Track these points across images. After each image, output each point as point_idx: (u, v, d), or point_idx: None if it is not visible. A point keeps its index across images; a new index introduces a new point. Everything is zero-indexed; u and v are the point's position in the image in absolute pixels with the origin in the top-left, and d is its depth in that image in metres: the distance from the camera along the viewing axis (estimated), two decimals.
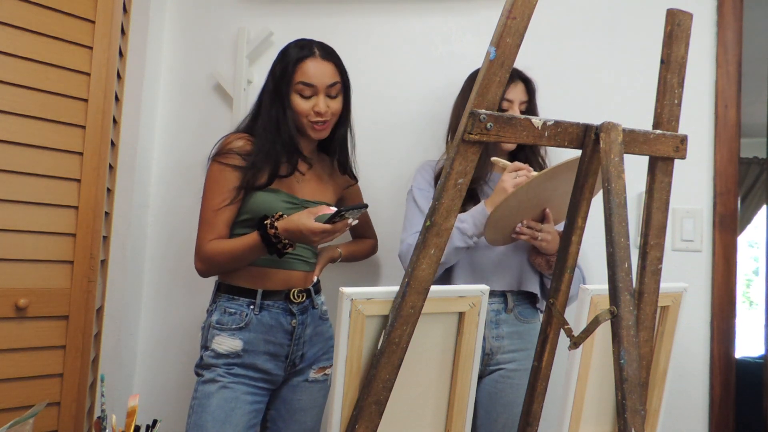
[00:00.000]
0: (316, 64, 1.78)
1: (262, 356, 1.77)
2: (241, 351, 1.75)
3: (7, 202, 1.69)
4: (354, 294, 1.00)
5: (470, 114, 0.88)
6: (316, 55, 1.79)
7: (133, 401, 1.31)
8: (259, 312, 1.78)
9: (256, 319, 1.77)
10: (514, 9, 0.87)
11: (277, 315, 1.79)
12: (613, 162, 0.95)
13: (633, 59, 2.18)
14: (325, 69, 1.79)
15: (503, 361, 1.86)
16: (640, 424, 0.92)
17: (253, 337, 1.76)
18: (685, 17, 1.07)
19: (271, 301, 1.79)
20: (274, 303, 1.80)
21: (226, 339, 1.76)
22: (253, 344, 1.76)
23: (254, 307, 1.78)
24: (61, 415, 1.79)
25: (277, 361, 1.80)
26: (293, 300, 1.81)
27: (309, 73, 1.77)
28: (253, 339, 1.76)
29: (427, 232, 0.92)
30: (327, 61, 1.80)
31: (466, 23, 2.30)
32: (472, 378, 1.17)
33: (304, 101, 1.78)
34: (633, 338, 0.92)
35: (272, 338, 1.78)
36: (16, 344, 1.71)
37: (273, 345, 1.78)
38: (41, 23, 1.74)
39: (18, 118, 1.70)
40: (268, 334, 1.78)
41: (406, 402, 1.12)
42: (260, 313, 1.78)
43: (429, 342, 1.12)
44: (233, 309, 1.78)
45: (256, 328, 1.77)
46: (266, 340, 1.78)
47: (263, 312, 1.78)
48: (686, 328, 2.10)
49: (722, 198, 2.11)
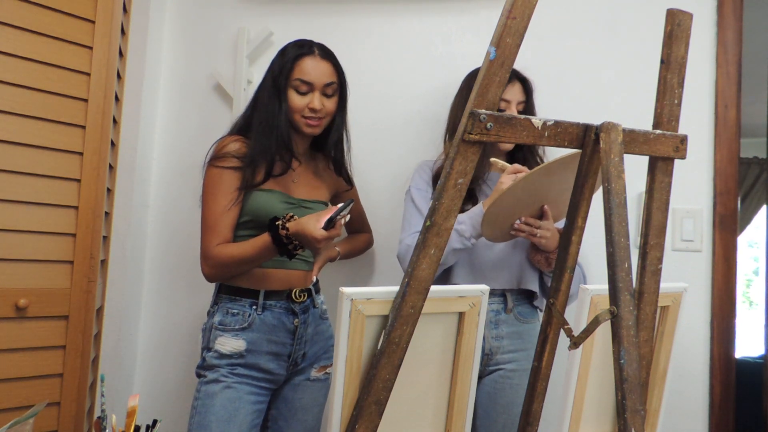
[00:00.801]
0: (314, 63, 1.80)
1: (264, 356, 1.78)
2: (244, 351, 1.76)
3: (7, 202, 1.69)
4: (354, 294, 1.00)
5: (470, 114, 0.88)
6: (315, 54, 1.81)
7: (133, 401, 1.31)
8: (262, 312, 1.78)
9: (259, 319, 1.78)
10: (514, 9, 0.87)
11: (279, 315, 1.80)
12: (613, 162, 0.94)
13: (632, 59, 2.17)
14: (323, 68, 1.81)
15: (502, 361, 1.86)
16: (640, 424, 0.92)
17: (257, 337, 1.77)
18: (685, 17, 1.07)
19: (274, 300, 1.80)
20: (277, 303, 1.80)
21: (230, 339, 1.76)
22: (256, 344, 1.77)
23: (257, 307, 1.78)
24: (61, 415, 1.79)
25: (279, 360, 1.80)
26: (295, 300, 1.82)
27: (306, 70, 1.79)
28: (257, 339, 1.77)
29: (427, 232, 0.92)
30: (325, 60, 1.82)
31: (465, 23, 2.29)
32: (472, 378, 1.17)
33: (300, 97, 1.80)
34: (633, 338, 0.92)
35: (275, 338, 1.79)
36: (16, 344, 1.71)
37: (276, 345, 1.79)
38: (41, 23, 1.74)
39: (18, 118, 1.71)
40: (271, 334, 1.78)
41: (406, 402, 1.11)
42: (263, 313, 1.78)
43: (429, 342, 1.12)
44: (236, 309, 1.78)
45: (259, 328, 1.77)
46: (269, 339, 1.78)
47: (266, 312, 1.79)
48: (686, 328, 2.10)
49: (722, 198, 2.11)
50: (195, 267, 2.37)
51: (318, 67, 1.79)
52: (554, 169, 1.59)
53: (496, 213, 1.69)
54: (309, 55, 1.80)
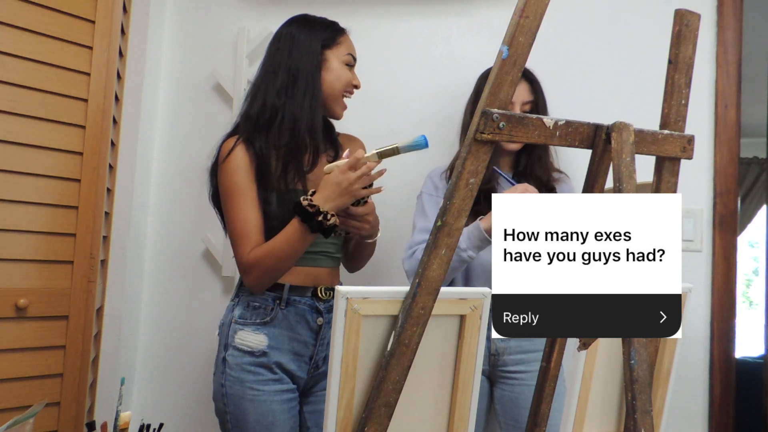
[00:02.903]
0: (352, 43, 1.81)
1: (287, 354, 1.67)
2: (266, 348, 1.64)
3: (7, 202, 1.68)
4: (349, 293, 0.98)
5: (482, 113, 0.87)
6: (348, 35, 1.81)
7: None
8: (285, 307, 1.67)
9: (282, 315, 1.67)
10: (526, 8, 0.86)
11: (303, 311, 1.69)
12: (625, 162, 0.94)
13: (635, 59, 2.17)
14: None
15: (511, 362, 1.85)
16: (649, 425, 0.91)
17: (278, 333, 1.66)
18: (693, 18, 1.07)
19: (298, 296, 1.69)
20: (301, 299, 1.69)
21: (250, 334, 1.65)
22: (278, 341, 1.66)
23: (280, 301, 1.67)
24: (61, 415, 1.78)
25: (300, 362, 1.69)
26: (321, 297, 1.71)
27: (352, 47, 1.79)
28: (278, 335, 1.66)
29: (438, 232, 0.92)
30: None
31: (465, 24, 2.29)
32: (474, 384, 1.13)
33: (349, 71, 1.78)
34: (643, 339, 0.92)
35: (297, 336, 1.68)
36: (16, 344, 1.71)
37: (298, 343, 1.68)
38: (41, 23, 1.73)
39: (18, 118, 1.70)
40: (294, 331, 1.67)
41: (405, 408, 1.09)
42: (286, 308, 1.67)
43: (427, 345, 1.07)
44: (257, 303, 1.68)
45: (281, 324, 1.67)
46: (291, 337, 1.67)
47: (289, 307, 1.68)
48: (686, 328, 2.10)
49: (722, 198, 2.11)
50: (195, 267, 2.37)
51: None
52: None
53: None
54: (346, 32, 1.81)
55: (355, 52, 1.78)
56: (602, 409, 1.33)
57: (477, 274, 1.87)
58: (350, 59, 1.77)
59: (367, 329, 1.01)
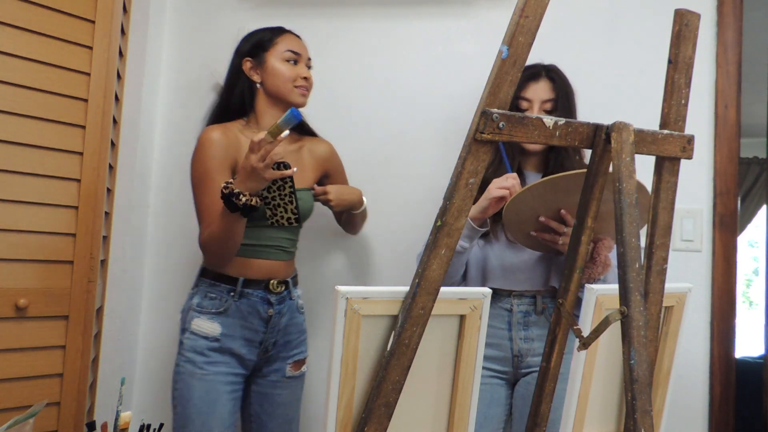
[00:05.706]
0: (296, 40, 1.93)
1: (238, 341, 1.84)
2: (219, 335, 1.82)
3: (7, 202, 1.68)
4: (349, 293, 0.98)
5: (482, 113, 0.87)
6: (292, 33, 1.94)
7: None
8: (239, 299, 1.84)
9: (235, 306, 1.84)
10: (526, 7, 0.86)
11: (255, 303, 1.85)
12: (625, 162, 0.94)
13: (636, 59, 2.17)
14: (303, 45, 1.94)
15: (534, 364, 1.83)
16: (649, 425, 0.91)
17: (231, 322, 1.83)
18: (693, 17, 1.07)
19: (251, 289, 1.85)
20: (254, 292, 1.85)
21: (205, 322, 1.83)
22: (230, 329, 1.83)
23: (234, 294, 1.84)
24: (61, 415, 1.78)
25: (251, 346, 1.86)
26: (272, 290, 1.87)
27: (292, 43, 1.90)
28: (231, 324, 1.83)
29: (438, 232, 0.92)
30: (301, 39, 1.95)
31: (465, 25, 2.29)
32: (474, 385, 1.13)
33: (292, 67, 1.87)
34: (643, 338, 0.92)
35: (249, 324, 1.85)
36: (16, 344, 1.70)
37: (249, 331, 1.85)
38: (41, 23, 1.73)
39: (18, 118, 1.69)
40: (246, 321, 1.85)
41: (404, 408, 1.08)
42: (239, 300, 1.84)
43: (426, 345, 1.07)
44: (214, 294, 1.84)
45: (235, 314, 1.84)
46: (243, 326, 1.84)
47: (242, 300, 1.84)
48: (686, 328, 2.09)
49: (722, 198, 2.11)
50: (195, 267, 2.36)
51: (299, 43, 1.93)
52: (558, 183, 1.57)
53: (510, 219, 1.68)
54: (288, 33, 1.94)
55: (299, 48, 1.89)
56: (602, 409, 1.33)
57: (495, 274, 1.85)
58: (290, 55, 1.88)
59: (367, 329, 1.01)
